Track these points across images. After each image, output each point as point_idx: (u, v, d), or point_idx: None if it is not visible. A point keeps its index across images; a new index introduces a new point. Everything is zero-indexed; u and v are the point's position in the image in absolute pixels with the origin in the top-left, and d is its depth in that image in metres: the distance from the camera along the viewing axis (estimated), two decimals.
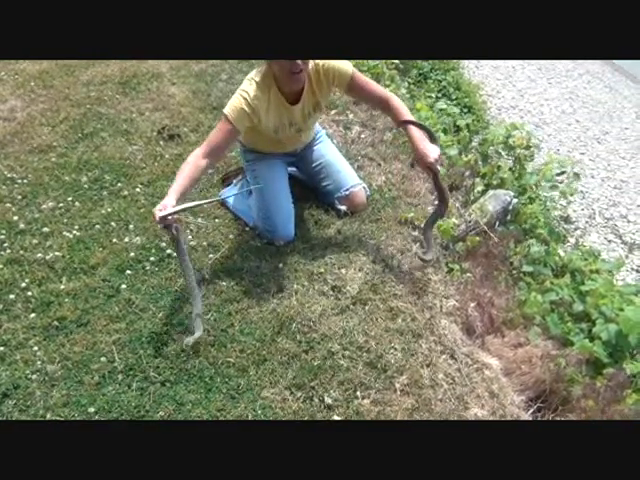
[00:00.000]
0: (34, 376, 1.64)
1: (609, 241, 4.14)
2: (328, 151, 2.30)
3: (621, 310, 2.26)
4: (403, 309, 1.86)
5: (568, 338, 2.21)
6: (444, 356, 1.74)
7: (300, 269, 2.02)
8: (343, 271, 2.01)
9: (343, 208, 2.24)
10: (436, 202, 2.16)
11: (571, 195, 2.93)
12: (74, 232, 2.16)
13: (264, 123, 1.93)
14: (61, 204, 2.30)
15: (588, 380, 1.96)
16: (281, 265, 2.04)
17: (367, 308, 1.88)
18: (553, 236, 2.77)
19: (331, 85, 1.97)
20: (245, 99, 1.85)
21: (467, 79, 5.09)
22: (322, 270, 2.01)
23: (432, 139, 1.88)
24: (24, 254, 2.05)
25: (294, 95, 1.95)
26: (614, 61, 6.68)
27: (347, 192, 2.23)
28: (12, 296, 1.88)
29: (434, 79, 4.75)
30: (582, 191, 4.21)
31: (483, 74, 5.88)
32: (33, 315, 1.83)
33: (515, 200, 2.54)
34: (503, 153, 2.63)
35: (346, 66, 1.92)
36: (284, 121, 1.98)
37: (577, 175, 2.85)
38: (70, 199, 2.33)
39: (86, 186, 2.42)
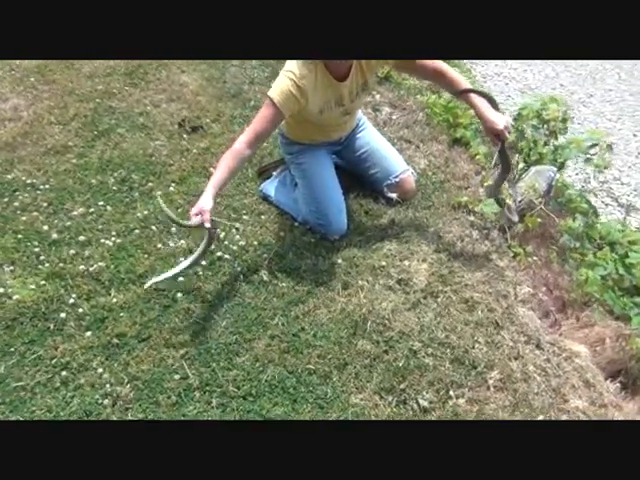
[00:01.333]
0: (105, 401, 1.52)
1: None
2: (372, 137, 2.19)
3: None
4: (478, 299, 1.79)
5: (626, 313, 2.19)
6: (529, 346, 1.69)
7: (360, 263, 1.94)
8: (406, 263, 1.93)
9: (393, 196, 2.15)
10: (496, 171, 2.08)
11: (605, 168, 2.87)
12: (113, 239, 2.02)
13: (311, 103, 1.80)
14: (92, 209, 2.15)
15: None
16: (340, 261, 1.95)
17: (440, 300, 1.80)
18: (591, 208, 2.72)
19: (381, 61, 1.87)
20: (292, 80, 1.73)
21: None
22: (384, 263, 1.93)
23: (495, 107, 1.81)
24: (64, 267, 1.90)
25: (342, 71, 1.82)
26: None
27: (397, 179, 2.14)
28: (62, 314, 1.74)
29: None
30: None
31: None
32: (89, 333, 1.70)
33: (558, 175, 2.48)
34: (538, 127, 2.55)
35: None
36: (329, 98, 1.85)
37: (610, 147, 2.78)
38: (100, 203, 2.17)
39: (114, 188, 2.26)
